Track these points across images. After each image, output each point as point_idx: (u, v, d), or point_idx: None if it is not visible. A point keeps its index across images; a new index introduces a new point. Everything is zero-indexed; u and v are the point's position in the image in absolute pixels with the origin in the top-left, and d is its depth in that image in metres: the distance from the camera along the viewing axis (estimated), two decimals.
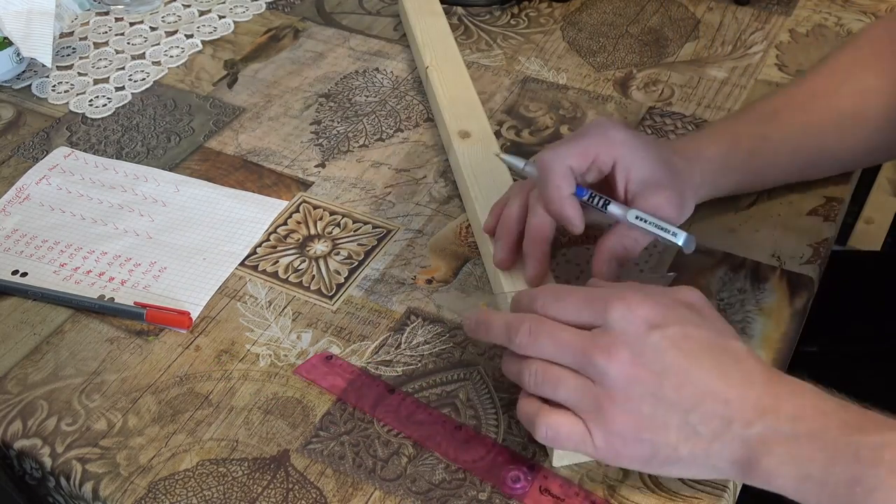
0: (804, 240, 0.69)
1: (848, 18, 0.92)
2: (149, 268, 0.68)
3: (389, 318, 0.64)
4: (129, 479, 0.55)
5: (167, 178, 0.76)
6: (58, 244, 0.70)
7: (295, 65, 0.89)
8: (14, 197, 0.75)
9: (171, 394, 0.60)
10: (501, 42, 0.91)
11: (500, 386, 0.59)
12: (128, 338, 0.64)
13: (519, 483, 0.54)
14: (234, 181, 0.76)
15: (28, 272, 0.68)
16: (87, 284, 0.67)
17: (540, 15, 0.95)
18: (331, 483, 0.54)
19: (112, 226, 0.72)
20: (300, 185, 0.75)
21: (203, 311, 0.65)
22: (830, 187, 0.73)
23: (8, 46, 0.86)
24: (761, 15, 0.93)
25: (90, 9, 0.97)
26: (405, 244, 0.70)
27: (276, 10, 0.97)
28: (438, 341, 0.62)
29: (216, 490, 0.54)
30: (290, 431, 0.57)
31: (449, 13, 0.95)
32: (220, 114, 0.83)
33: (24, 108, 0.85)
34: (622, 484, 0.54)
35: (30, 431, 0.58)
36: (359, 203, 0.73)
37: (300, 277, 0.67)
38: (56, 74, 0.89)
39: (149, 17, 0.96)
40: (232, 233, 0.71)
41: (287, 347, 0.62)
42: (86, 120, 0.83)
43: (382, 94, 0.85)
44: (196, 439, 0.57)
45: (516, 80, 0.86)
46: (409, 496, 0.54)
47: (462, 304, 0.65)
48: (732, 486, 0.54)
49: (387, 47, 0.91)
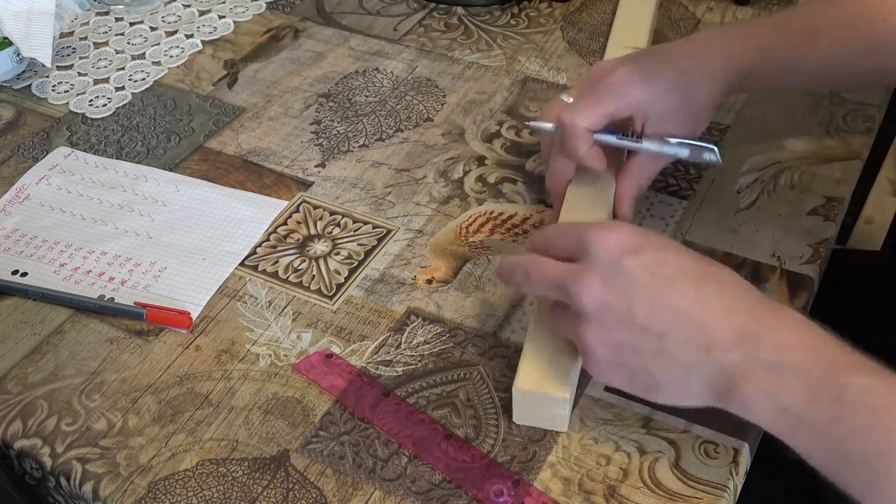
0: (804, 240, 0.69)
1: None
2: (149, 268, 0.68)
3: (389, 318, 0.64)
4: (129, 479, 0.55)
5: (167, 177, 0.76)
6: (58, 244, 0.70)
7: (295, 65, 0.89)
8: (14, 197, 0.75)
9: (171, 394, 0.60)
10: (501, 42, 0.91)
11: (499, 386, 0.59)
12: (128, 338, 0.64)
13: (501, 497, 0.53)
14: (234, 181, 0.76)
15: (28, 272, 0.68)
16: (87, 284, 0.67)
17: (540, 15, 0.95)
18: (331, 483, 0.54)
19: (112, 226, 0.72)
20: (300, 185, 0.75)
21: (203, 311, 0.65)
22: (831, 187, 0.73)
23: (8, 46, 0.86)
24: (761, 15, 0.93)
25: (90, 9, 0.97)
26: (405, 244, 0.70)
27: (276, 10, 0.97)
28: (438, 341, 0.62)
29: (216, 490, 0.54)
30: (290, 431, 0.57)
31: (449, 13, 0.95)
32: (220, 114, 0.83)
33: (24, 108, 0.85)
34: (622, 484, 0.54)
35: (30, 431, 0.58)
36: (359, 203, 0.73)
37: (300, 277, 0.67)
38: (56, 74, 0.89)
39: (149, 17, 0.96)
40: (232, 233, 0.71)
41: (287, 347, 0.62)
42: (86, 120, 0.83)
43: (382, 94, 0.85)
44: (196, 439, 0.57)
45: (516, 80, 0.86)
46: (409, 496, 0.54)
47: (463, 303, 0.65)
48: (732, 486, 0.54)
49: (387, 47, 0.91)
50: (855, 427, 0.45)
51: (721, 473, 0.54)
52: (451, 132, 0.80)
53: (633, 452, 0.55)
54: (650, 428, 0.57)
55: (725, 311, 0.49)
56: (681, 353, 0.49)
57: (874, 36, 0.67)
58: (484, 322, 0.64)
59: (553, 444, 0.56)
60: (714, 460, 0.55)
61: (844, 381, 0.46)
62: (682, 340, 0.49)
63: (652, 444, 0.56)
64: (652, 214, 0.71)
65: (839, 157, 0.76)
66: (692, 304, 0.49)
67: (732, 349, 0.48)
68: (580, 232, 0.52)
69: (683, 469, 0.54)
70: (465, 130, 0.80)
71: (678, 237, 0.69)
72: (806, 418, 0.46)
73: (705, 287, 0.49)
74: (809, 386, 0.46)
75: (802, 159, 0.76)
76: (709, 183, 0.74)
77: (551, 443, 0.56)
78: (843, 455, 0.46)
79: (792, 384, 0.46)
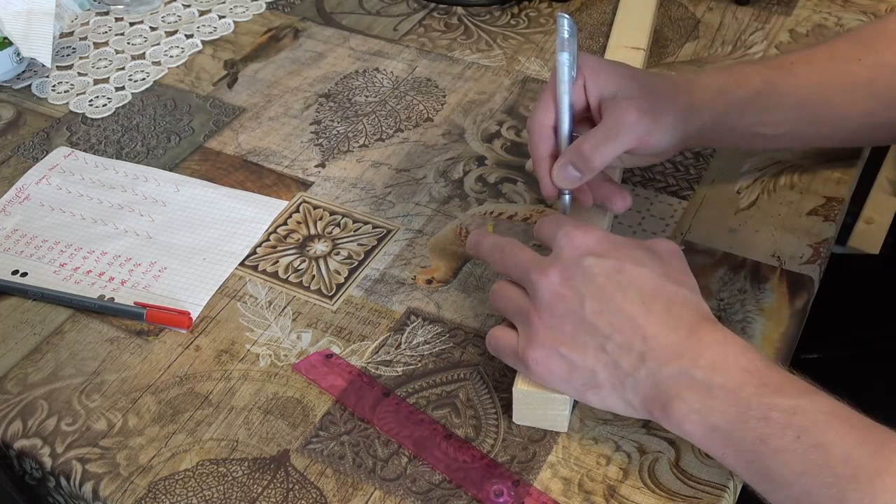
0: (804, 240, 0.69)
1: (848, 18, 0.92)
2: (149, 268, 0.68)
3: (389, 318, 0.64)
4: (129, 479, 0.55)
5: (167, 177, 0.76)
6: (58, 244, 0.70)
7: (295, 65, 0.89)
8: (14, 197, 0.75)
9: (171, 394, 0.60)
10: (501, 42, 0.91)
11: (499, 386, 0.59)
12: (128, 338, 0.64)
13: (501, 498, 0.53)
14: (234, 181, 0.76)
15: (28, 272, 0.68)
16: (87, 284, 0.67)
17: (540, 15, 0.95)
18: (331, 483, 0.54)
19: (112, 226, 0.72)
20: (300, 185, 0.75)
21: (203, 311, 0.65)
22: (831, 187, 0.73)
23: (8, 46, 0.86)
24: (761, 15, 0.93)
25: (90, 9, 0.97)
26: (405, 244, 0.70)
27: (276, 10, 0.97)
28: (438, 341, 0.62)
29: (216, 490, 0.54)
30: (290, 431, 0.57)
31: (449, 13, 0.95)
32: (220, 114, 0.83)
33: (24, 108, 0.85)
34: (622, 484, 0.54)
35: (30, 431, 0.58)
36: (359, 203, 0.73)
37: (300, 277, 0.67)
38: (56, 74, 0.89)
39: (149, 17, 0.96)
40: (232, 233, 0.71)
41: (287, 347, 0.62)
42: (86, 120, 0.83)
43: (382, 94, 0.85)
44: (196, 439, 0.57)
45: (516, 80, 0.86)
46: (409, 496, 0.54)
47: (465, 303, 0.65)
48: (732, 486, 0.54)
49: (387, 47, 0.91)
50: (779, 447, 0.46)
51: (721, 473, 0.54)
52: (451, 132, 0.80)
53: (633, 452, 0.55)
54: (650, 428, 0.57)
55: (667, 326, 0.50)
56: (620, 358, 0.51)
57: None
58: (484, 322, 0.64)
59: (553, 444, 0.56)
60: (714, 460, 0.54)
61: (771, 402, 0.47)
62: (623, 345, 0.50)
63: (652, 444, 0.56)
64: (652, 214, 0.71)
65: (839, 157, 0.76)
66: (638, 313, 0.51)
67: (668, 363, 0.49)
68: (557, 227, 0.55)
69: (683, 469, 0.54)
70: (465, 130, 0.80)
71: (678, 237, 0.69)
72: (734, 437, 0.48)
73: (654, 302, 0.51)
74: (737, 405, 0.47)
75: (802, 159, 0.76)
76: (709, 183, 0.74)
77: (551, 443, 0.56)
78: (768, 474, 0.47)
79: (721, 403, 0.48)
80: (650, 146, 0.61)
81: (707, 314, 0.52)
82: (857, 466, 0.44)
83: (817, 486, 0.45)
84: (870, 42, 0.68)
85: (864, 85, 0.67)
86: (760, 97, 0.65)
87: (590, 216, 0.65)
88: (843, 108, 0.67)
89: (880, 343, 0.89)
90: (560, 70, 0.60)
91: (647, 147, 0.61)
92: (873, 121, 0.68)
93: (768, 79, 0.66)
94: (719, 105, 0.64)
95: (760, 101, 0.65)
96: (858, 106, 0.67)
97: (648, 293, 0.51)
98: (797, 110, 0.67)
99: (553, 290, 0.52)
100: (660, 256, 0.54)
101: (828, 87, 0.67)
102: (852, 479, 0.44)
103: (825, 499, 0.45)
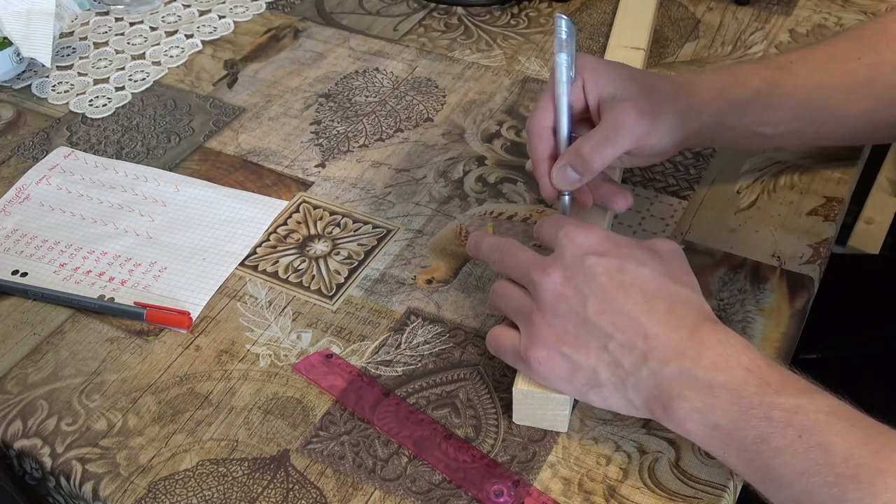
0: (804, 240, 0.69)
1: (848, 18, 0.92)
2: (149, 268, 0.68)
3: (389, 318, 0.64)
4: (129, 479, 0.55)
5: (167, 178, 0.76)
6: (58, 244, 0.70)
7: (295, 65, 0.89)
8: (14, 197, 0.75)
9: (171, 394, 0.60)
10: (501, 42, 0.91)
11: (499, 386, 0.59)
12: (128, 338, 0.64)
13: (501, 497, 0.53)
14: (234, 181, 0.76)
15: (28, 272, 0.68)
16: (87, 284, 0.67)
17: (540, 15, 0.95)
18: (331, 483, 0.54)
19: (112, 226, 0.72)
20: (300, 185, 0.75)
21: (203, 311, 0.65)
22: (831, 187, 0.73)
23: (8, 46, 0.86)
24: (761, 15, 0.93)
25: (90, 9, 0.97)
26: (405, 244, 0.70)
27: (276, 10, 0.97)
28: (438, 341, 0.62)
29: (216, 490, 0.54)
30: (290, 431, 0.57)
31: (449, 13, 0.95)
32: (220, 114, 0.83)
33: (24, 108, 0.85)
34: (622, 484, 0.54)
35: (30, 431, 0.58)
36: (359, 203, 0.73)
37: (300, 277, 0.67)
38: (56, 74, 0.89)
39: (149, 17, 0.96)
40: (232, 233, 0.71)
41: (287, 347, 0.62)
42: (86, 120, 0.83)
43: (382, 94, 0.85)
44: (196, 439, 0.57)
45: (516, 80, 0.86)
46: (409, 496, 0.54)
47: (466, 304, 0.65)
48: (732, 486, 0.54)
49: (387, 47, 0.91)
50: (780, 446, 0.46)
51: (721, 473, 0.54)
52: (451, 132, 0.80)
53: (632, 452, 0.55)
54: (650, 428, 0.57)
55: (669, 326, 0.50)
56: (622, 357, 0.51)
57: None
58: (484, 322, 0.64)
59: (553, 444, 0.56)
60: (714, 460, 0.54)
61: (773, 401, 0.47)
62: (625, 344, 0.51)
63: (652, 444, 0.56)
64: (652, 214, 0.71)
65: (839, 157, 0.76)
66: (640, 313, 0.51)
67: (669, 363, 0.49)
68: (558, 227, 0.55)
69: (683, 469, 0.54)
70: (465, 130, 0.80)
71: (678, 237, 0.69)
72: (735, 436, 0.48)
73: (656, 301, 0.51)
74: (739, 404, 0.48)
75: (802, 159, 0.76)
76: (709, 183, 0.74)
77: (551, 443, 0.56)
78: (769, 473, 0.47)
79: (722, 402, 0.48)
80: (650, 147, 0.61)
81: (709, 314, 0.52)
82: (858, 466, 0.44)
83: (818, 486, 0.45)
84: (869, 41, 0.68)
85: (863, 84, 0.67)
86: (760, 97, 0.65)
87: (590, 216, 0.65)
88: (842, 106, 0.67)
89: (880, 343, 0.89)
90: (558, 71, 0.60)
91: (647, 148, 0.61)
92: (873, 119, 0.68)
93: (768, 78, 0.66)
94: (719, 105, 0.64)
95: (760, 100, 0.65)
96: (858, 105, 0.67)
97: (651, 293, 0.51)
98: (797, 110, 0.67)
99: (555, 290, 0.52)
100: (661, 256, 0.54)
101: (827, 86, 0.67)
102: (853, 479, 0.44)
103: (826, 498, 0.45)
